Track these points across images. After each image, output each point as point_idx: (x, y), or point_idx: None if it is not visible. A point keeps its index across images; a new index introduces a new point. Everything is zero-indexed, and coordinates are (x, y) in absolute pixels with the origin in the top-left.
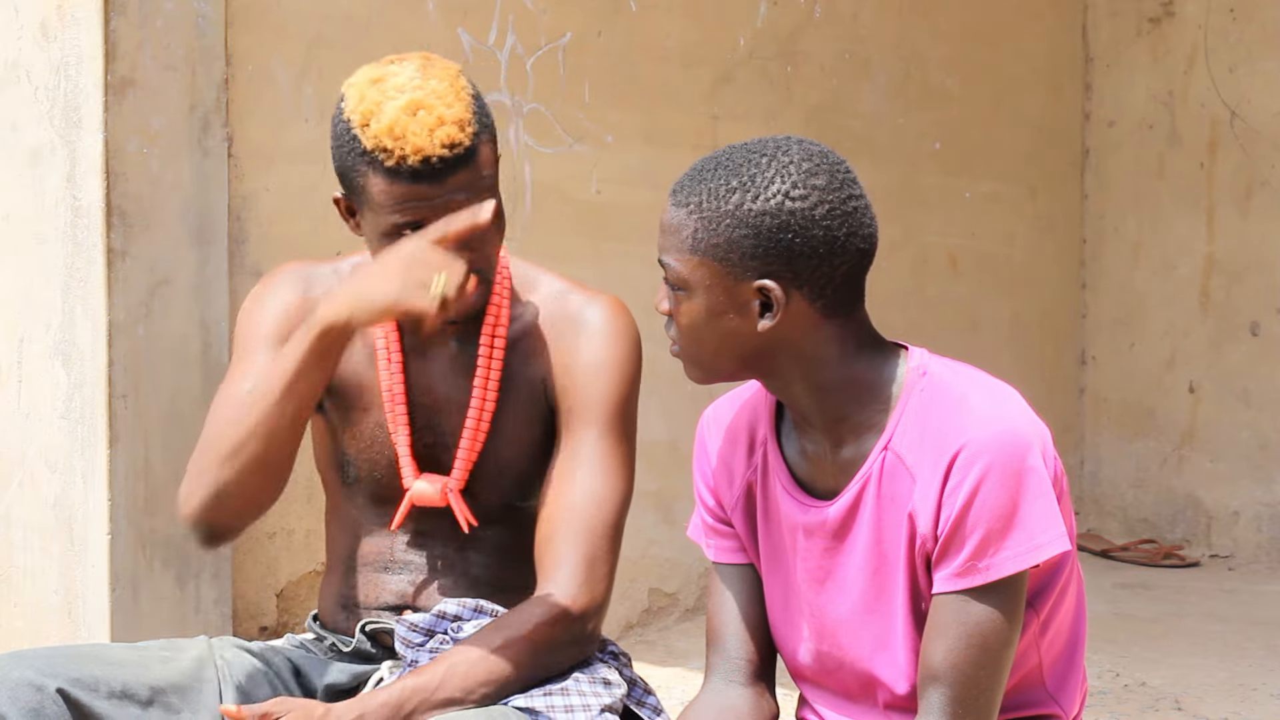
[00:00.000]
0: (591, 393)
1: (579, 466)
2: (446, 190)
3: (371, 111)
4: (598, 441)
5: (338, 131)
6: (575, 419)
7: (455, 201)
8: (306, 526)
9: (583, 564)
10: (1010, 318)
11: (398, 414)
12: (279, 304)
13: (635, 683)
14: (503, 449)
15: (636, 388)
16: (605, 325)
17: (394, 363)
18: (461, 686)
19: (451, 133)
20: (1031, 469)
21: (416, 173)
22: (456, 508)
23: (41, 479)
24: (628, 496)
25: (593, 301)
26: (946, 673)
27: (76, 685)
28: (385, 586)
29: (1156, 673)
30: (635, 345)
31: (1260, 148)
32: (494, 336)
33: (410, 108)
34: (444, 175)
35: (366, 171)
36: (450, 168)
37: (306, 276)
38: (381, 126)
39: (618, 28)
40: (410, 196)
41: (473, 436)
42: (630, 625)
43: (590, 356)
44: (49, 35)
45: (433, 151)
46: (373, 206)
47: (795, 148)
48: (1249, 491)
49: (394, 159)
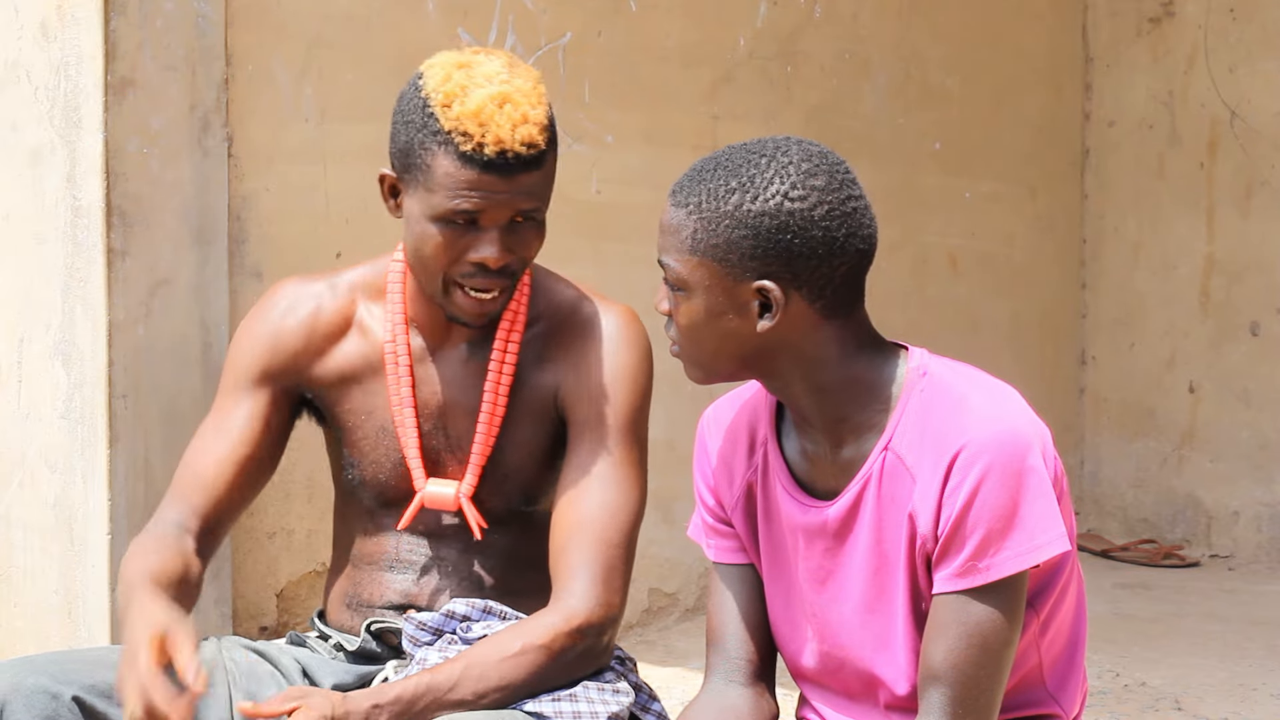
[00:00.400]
0: (603, 403)
1: (594, 477)
2: (513, 188)
3: (456, 94)
4: (611, 452)
5: (409, 107)
6: (589, 429)
7: (519, 202)
8: (307, 526)
9: (599, 575)
10: (1010, 318)
11: (405, 416)
12: (266, 336)
13: (641, 688)
14: (511, 454)
15: (648, 398)
16: (618, 335)
17: (401, 366)
18: (475, 690)
19: (532, 133)
20: (1031, 469)
21: (491, 163)
22: (469, 513)
23: (41, 479)
24: (642, 506)
25: (606, 311)
26: (947, 673)
27: (91, 692)
28: (390, 585)
29: (1156, 673)
30: (647, 356)
31: (1260, 148)
32: (508, 342)
33: (498, 99)
34: (515, 172)
35: (436, 151)
36: (523, 166)
37: (298, 296)
38: (467, 110)
39: (618, 28)
40: (478, 185)
41: (484, 441)
42: (630, 625)
43: (602, 367)
44: (49, 35)
45: (512, 146)
46: (432, 187)
47: (794, 148)
48: (1249, 491)
49: (472, 144)
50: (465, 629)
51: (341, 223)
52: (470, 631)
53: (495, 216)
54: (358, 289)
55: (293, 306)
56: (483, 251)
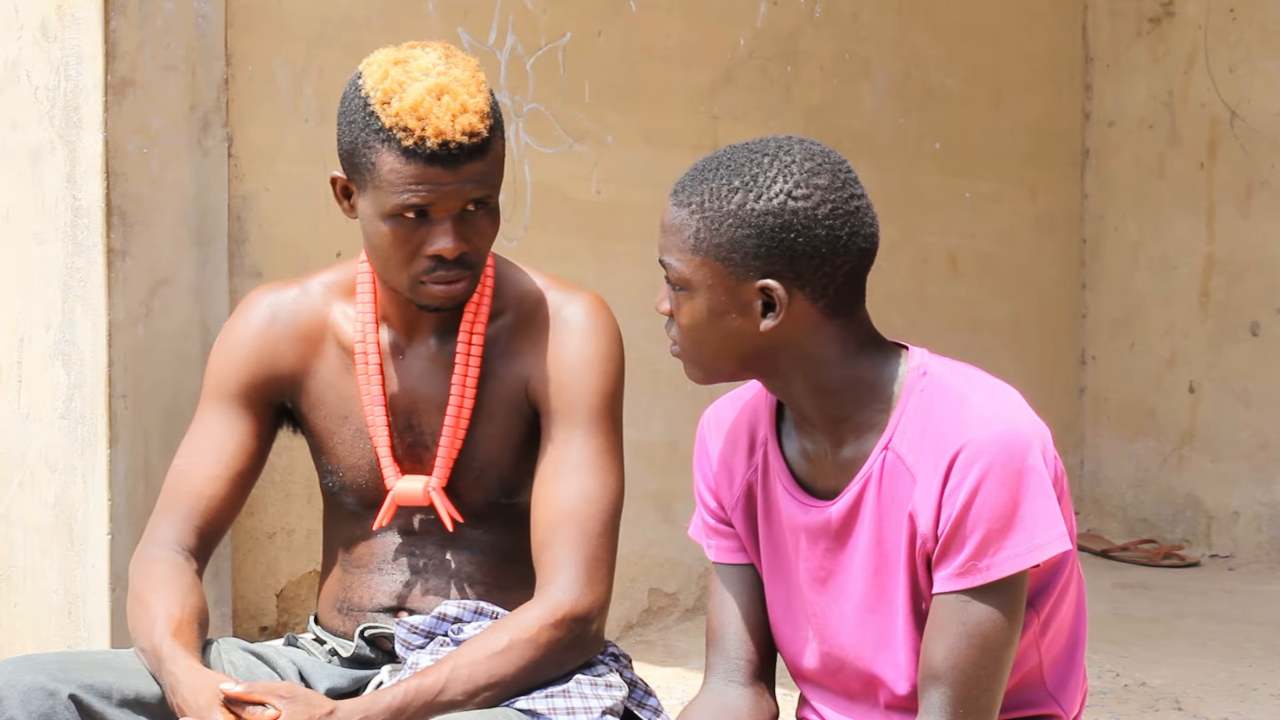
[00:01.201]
0: (575, 391)
1: (570, 467)
2: (460, 178)
3: (394, 90)
4: (585, 440)
5: (351, 107)
6: (561, 418)
7: (467, 190)
8: (306, 526)
9: (583, 565)
10: (1010, 318)
11: (376, 415)
12: (245, 346)
13: (636, 684)
14: (484, 446)
15: (620, 384)
16: (585, 323)
17: (371, 364)
18: (465, 689)
19: (472, 121)
20: (1031, 469)
21: (434, 155)
22: (439, 505)
23: (41, 479)
24: (621, 493)
25: (572, 299)
26: (947, 672)
27: (89, 692)
28: (379, 588)
29: (1156, 673)
30: (616, 341)
31: (1260, 148)
32: (471, 334)
33: (436, 90)
34: (460, 162)
35: (380, 149)
36: (467, 155)
37: (273, 304)
38: (405, 105)
39: (618, 28)
40: (424, 179)
41: (452, 434)
42: (630, 625)
43: (572, 355)
44: (49, 35)
45: (454, 136)
46: (380, 185)
47: (797, 147)
48: (1249, 491)
49: (413, 139)
50: (457, 630)
51: (341, 223)
52: (462, 633)
53: (445, 208)
54: (331, 291)
55: (270, 315)
56: (437, 244)
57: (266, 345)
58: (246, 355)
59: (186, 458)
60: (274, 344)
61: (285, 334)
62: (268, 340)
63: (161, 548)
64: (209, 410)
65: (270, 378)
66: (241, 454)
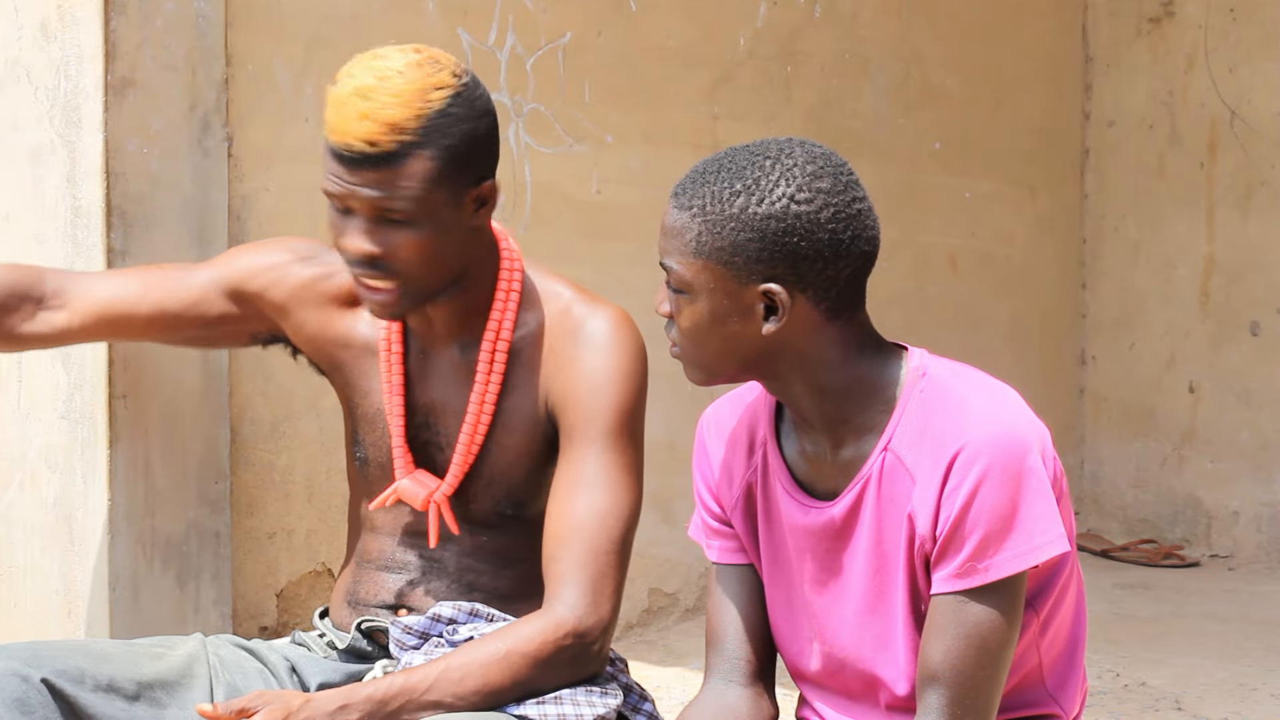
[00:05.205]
0: (594, 407)
1: (584, 483)
2: (357, 180)
3: (341, 79)
4: (601, 456)
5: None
6: (579, 434)
7: (365, 195)
8: (307, 526)
9: (589, 583)
10: (1010, 318)
11: (394, 405)
12: (272, 265)
13: (631, 689)
14: (498, 458)
15: (642, 401)
16: (608, 338)
17: (395, 354)
18: (453, 692)
19: (373, 129)
20: (1031, 470)
21: (335, 150)
22: (431, 519)
23: (41, 479)
24: (635, 512)
25: (596, 313)
26: (945, 673)
27: (62, 676)
28: (384, 585)
29: (1156, 673)
30: (639, 358)
31: (1260, 148)
32: (495, 348)
33: (363, 91)
34: (358, 165)
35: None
36: (363, 162)
37: (317, 253)
38: (335, 95)
39: (618, 28)
40: (333, 171)
41: (467, 446)
42: (630, 625)
43: (593, 370)
44: (49, 35)
45: (348, 139)
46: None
47: (799, 150)
48: (1249, 491)
49: (327, 129)
50: (451, 632)
51: None
52: (456, 634)
53: (353, 205)
54: None
55: (311, 258)
56: (346, 238)
57: (292, 277)
58: (266, 269)
59: (139, 270)
60: (298, 281)
61: (313, 281)
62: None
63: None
64: (199, 268)
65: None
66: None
